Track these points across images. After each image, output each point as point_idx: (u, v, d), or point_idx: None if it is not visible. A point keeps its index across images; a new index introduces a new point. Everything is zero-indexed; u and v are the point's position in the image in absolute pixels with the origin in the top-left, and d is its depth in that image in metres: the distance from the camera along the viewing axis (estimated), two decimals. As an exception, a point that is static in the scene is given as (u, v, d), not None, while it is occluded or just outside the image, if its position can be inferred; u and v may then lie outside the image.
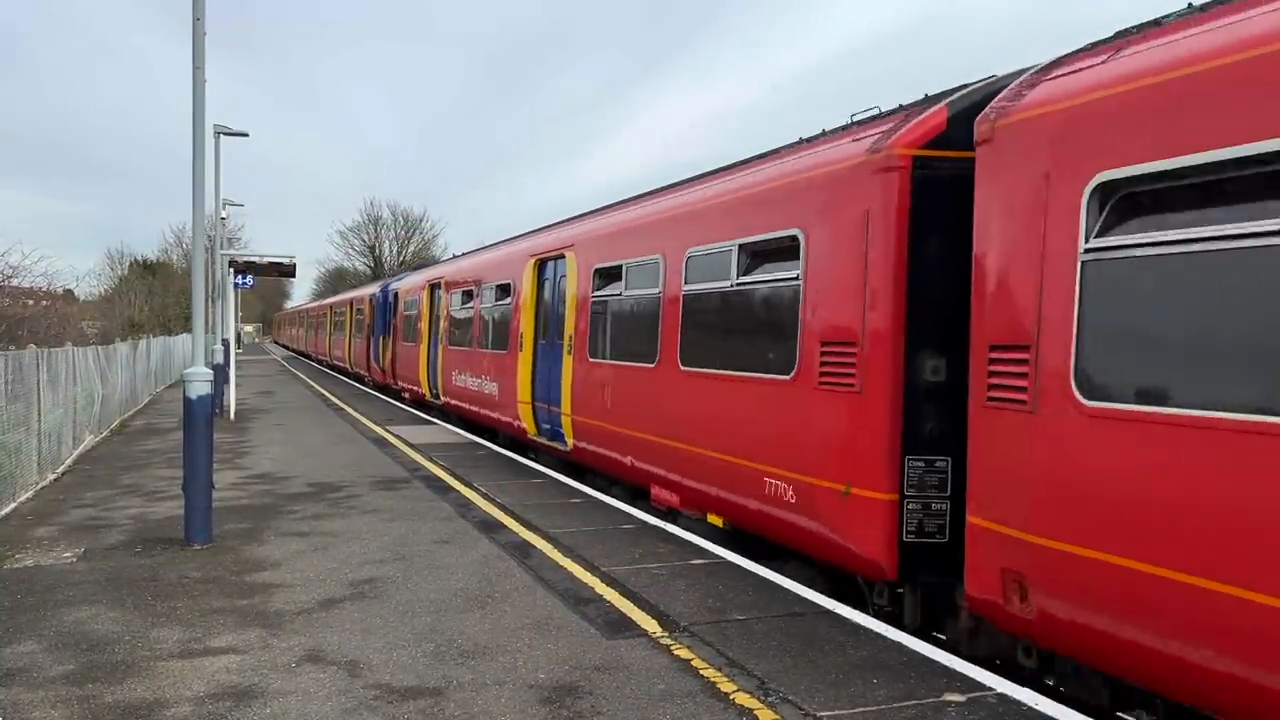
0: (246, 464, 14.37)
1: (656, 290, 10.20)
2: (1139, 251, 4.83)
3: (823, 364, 7.28)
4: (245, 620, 6.64)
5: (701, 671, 5.68)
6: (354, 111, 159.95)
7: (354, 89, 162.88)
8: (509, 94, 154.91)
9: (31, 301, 35.03)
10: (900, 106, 7.50)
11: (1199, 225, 4.56)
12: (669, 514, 10.04)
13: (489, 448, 16.44)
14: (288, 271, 23.67)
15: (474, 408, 17.92)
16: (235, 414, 21.73)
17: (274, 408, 24.52)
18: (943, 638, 6.89)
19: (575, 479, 12.74)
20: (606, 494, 11.70)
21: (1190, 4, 5.24)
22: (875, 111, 7.77)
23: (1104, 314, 5.01)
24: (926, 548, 6.61)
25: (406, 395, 25.74)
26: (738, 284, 8.65)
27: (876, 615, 7.00)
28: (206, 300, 10.54)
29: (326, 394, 29.57)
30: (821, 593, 7.44)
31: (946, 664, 5.80)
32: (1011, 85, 6.00)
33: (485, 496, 11.53)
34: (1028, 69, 6.10)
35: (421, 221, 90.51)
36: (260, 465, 14.24)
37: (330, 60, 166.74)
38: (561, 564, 8.23)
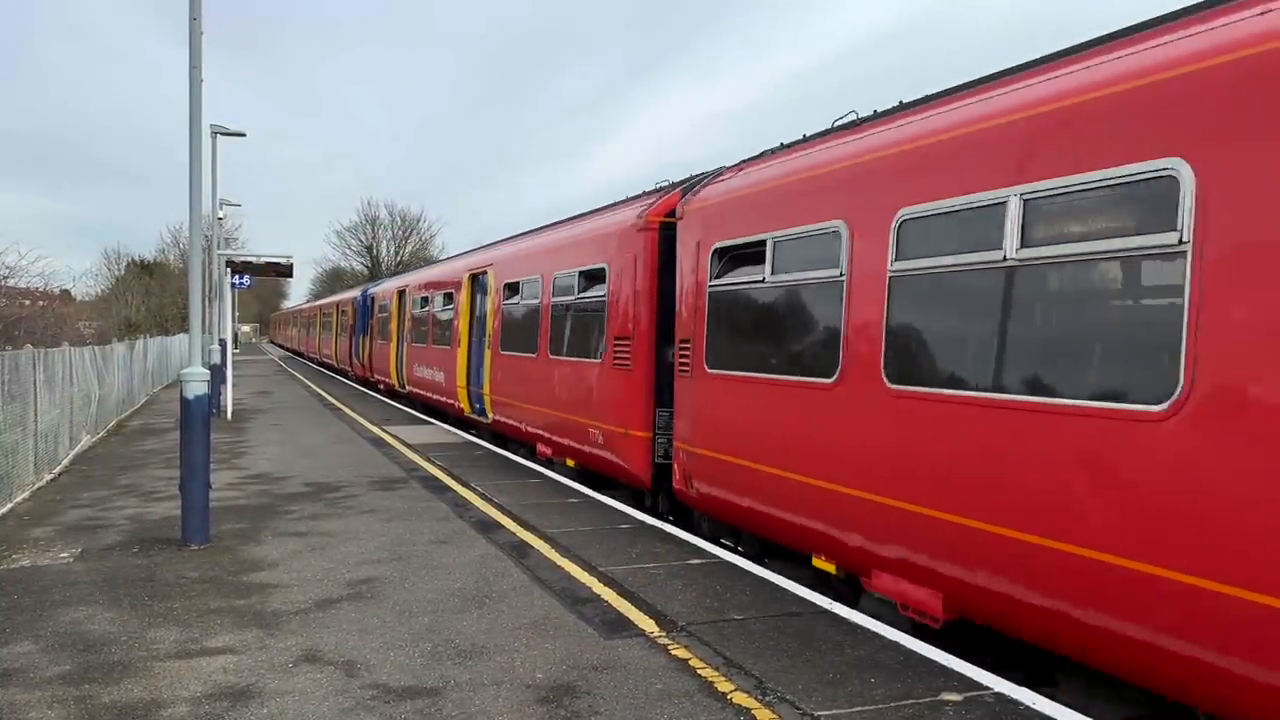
0: (244, 464, 14.36)
1: (537, 301, 14.15)
2: (727, 286, 8.83)
3: (615, 351, 11.21)
4: (242, 620, 6.63)
5: (699, 671, 5.68)
6: (354, 112, 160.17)
7: (354, 90, 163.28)
8: (509, 94, 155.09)
9: (28, 302, 35.00)
10: (660, 187, 11.70)
11: (743, 273, 8.56)
12: (547, 462, 13.96)
13: (486, 448, 16.44)
14: (285, 271, 23.67)
15: (429, 394, 22.09)
16: (232, 414, 21.72)
17: (271, 408, 24.50)
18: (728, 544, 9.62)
19: (500, 446, 16.52)
20: (517, 454, 15.33)
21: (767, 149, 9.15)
22: (656, 186, 11.91)
23: (717, 322, 9.00)
24: (667, 466, 10.42)
25: (381, 387, 29.45)
26: (578, 298, 12.47)
27: (649, 513, 10.70)
28: (204, 300, 10.50)
29: (324, 394, 29.53)
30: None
31: (944, 663, 5.81)
32: (700, 183, 9.93)
33: (482, 496, 11.53)
34: (716, 170, 10.09)
35: (419, 221, 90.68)
36: (257, 465, 14.23)
37: (330, 62, 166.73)
38: (559, 564, 8.23)
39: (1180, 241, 4.63)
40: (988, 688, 5.41)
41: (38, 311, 34.73)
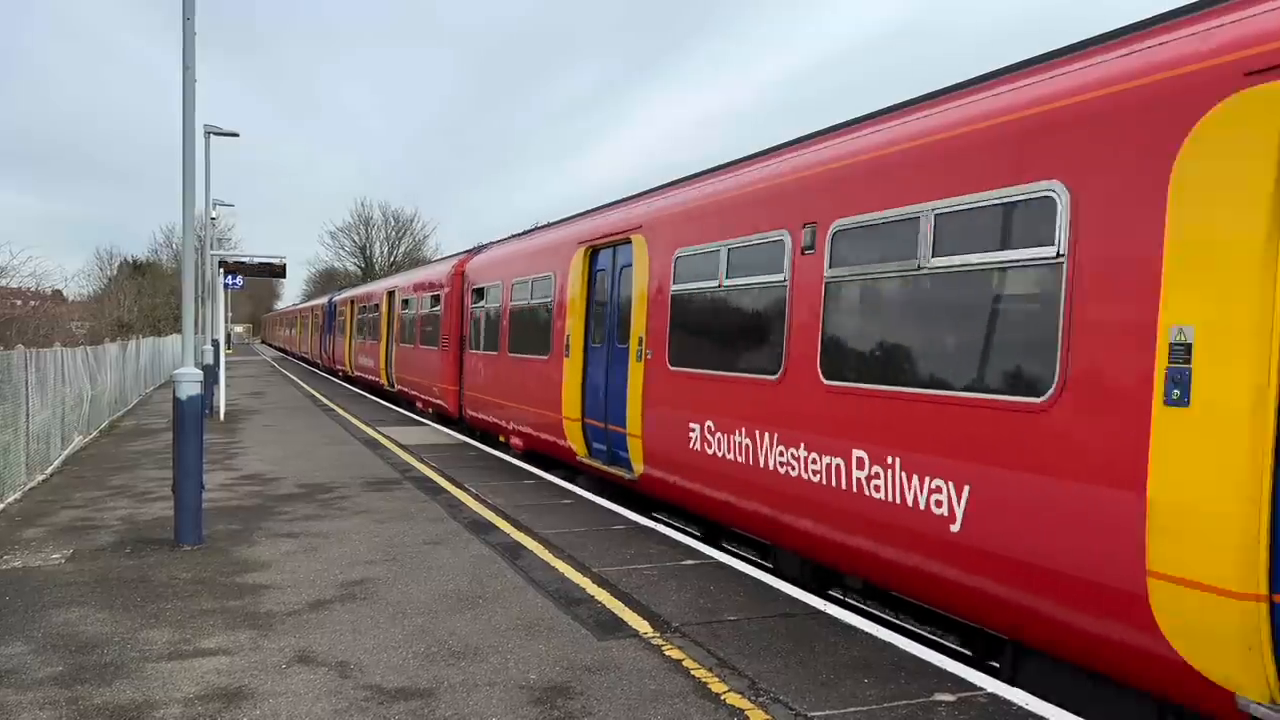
0: (237, 465, 14.32)
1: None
2: (474, 309, 18.24)
3: (442, 342, 19.11)
4: (235, 621, 6.61)
5: (693, 672, 5.69)
6: (349, 113, 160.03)
7: (349, 90, 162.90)
8: (505, 95, 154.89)
9: (20, 302, 34.90)
10: (471, 249, 20.49)
11: (482, 304, 17.49)
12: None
13: (479, 448, 16.42)
14: (278, 272, 23.62)
15: (368, 376, 30.63)
16: (225, 414, 21.66)
17: (264, 408, 24.45)
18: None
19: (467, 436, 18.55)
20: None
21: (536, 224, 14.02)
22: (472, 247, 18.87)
23: (475, 327, 18.17)
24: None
25: (339, 373, 38.36)
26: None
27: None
28: (197, 301, 10.47)
29: (316, 394, 29.48)
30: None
31: (937, 664, 5.82)
32: (481, 249, 18.89)
33: (476, 497, 11.52)
34: (489, 243, 19.66)
35: (413, 222, 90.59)
36: (250, 466, 14.19)
37: (325, 62, 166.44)
38: (553, 565, 8.23)
39: (1057, 255, 5.35)
40: (981, 688, 5.43)
41: (29, 311, 34.62)
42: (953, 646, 7.01)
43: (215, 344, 23.48)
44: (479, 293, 17.89)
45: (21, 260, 35.77)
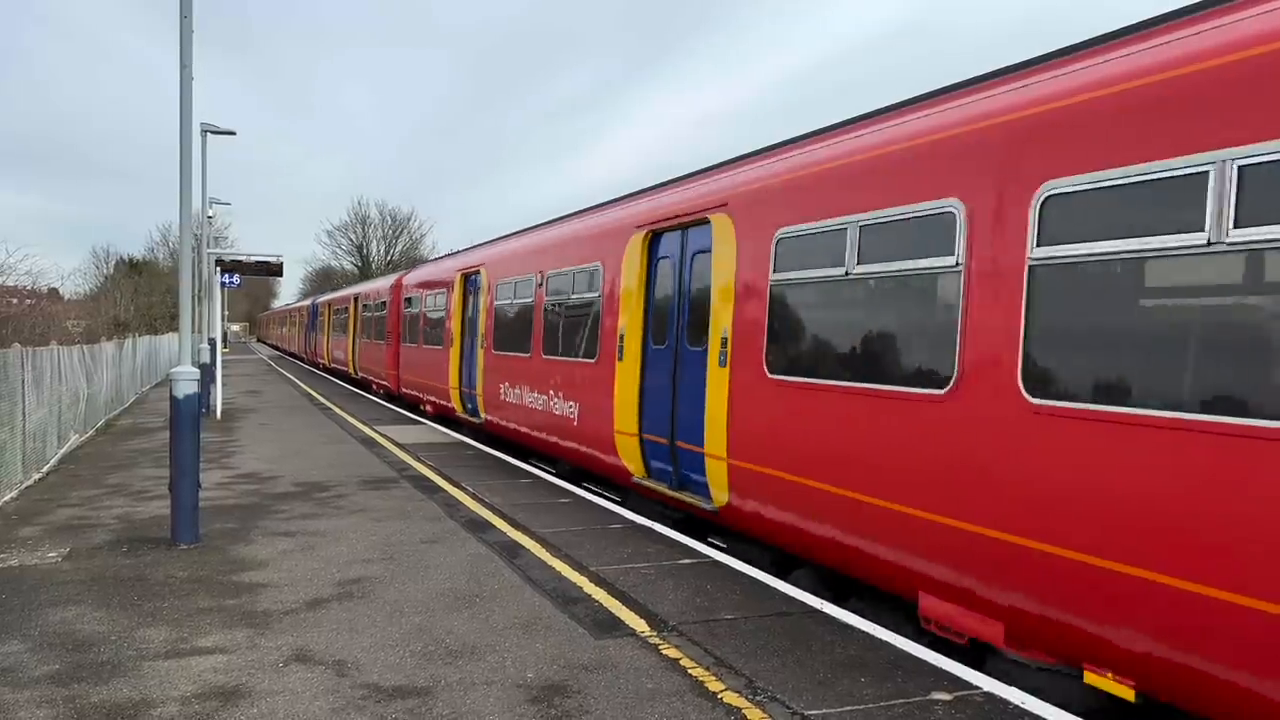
0: (233, 463, 14.31)
1: (346, 315, 27.95)
2: (410, 314, 23.88)
3: (387, 336, 25.38)
4: (232, 620, 6.61)
5: (690, 670, 5.69)
6: (346, 112, 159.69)
7: (346, 89, 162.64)
8: (503, 93, 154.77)
9: (15, 300, 34.83)
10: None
11: (415, 306, 22.85)
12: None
13: (476, 447, 16.42)
14: (275, 270, 23.58)
15: (338, 366, 37.38)
16: (222, 413, 21.64)
17: (261, 407, 24.42)
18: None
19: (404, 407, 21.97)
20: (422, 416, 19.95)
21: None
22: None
23: (407, 326, 24.05)
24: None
25: (320, 364, 44.67)
26: (375, 314, 26.03)
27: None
28: (194, 299, 10.44)
29: (313, 393, 29.46)
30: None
31: (934, 663, 5.83)
32: (412, 269, 24.20)
33: (473, 496, 11.51)
34: (420, 263, 29.74)
35: (409, 221, 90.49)
36: (247, 465, 14.18)
37: (323, 61, 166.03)
38: (550, 563, 8.23)
39: (957, 263, 5.94)
40: (977, 687, 5.44)
41: (25, 310, 34.56)
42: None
43: (212, 343, 23.45)
44: (409, 301, 23.77)
45: (18, 259, 35.76)
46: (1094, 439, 4.95)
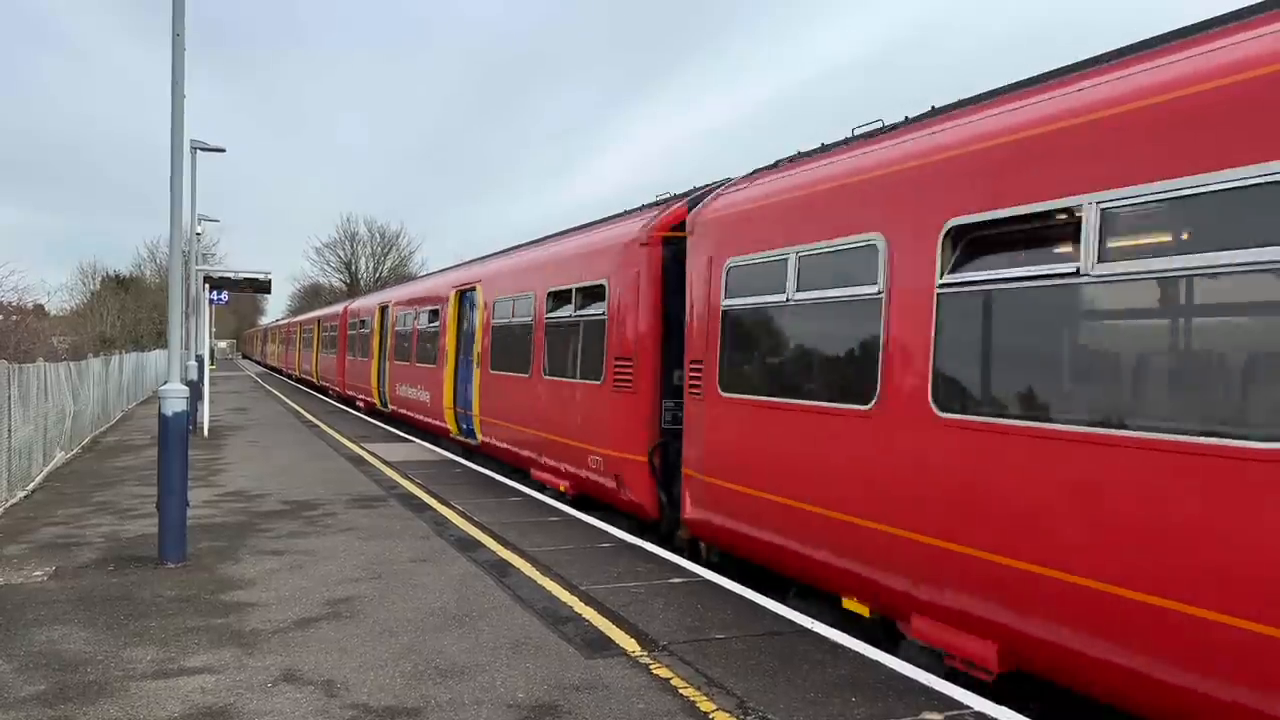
0: (221, 481, 14.23)
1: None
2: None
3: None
4: (220, 639, 6.57)
5: (681, 690, 5.68)
6: (337, 129, 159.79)
7: (337, 107, 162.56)
8: (496, 111, 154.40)
9: (1, 316, 34.62)
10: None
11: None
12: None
13: (465, 465, 16.38)
14: (263, 287, 23.59)
15: (315, 380, 41.55)
16: (209, 431, 21.53)
17: (248, 424, 24.31)
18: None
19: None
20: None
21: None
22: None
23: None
24: None
25: (292, 375, 51.89)
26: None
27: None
28: (182, 316, 10.38)
29: (301, 410, 29.35)
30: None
31: (925, 683, 5.84)
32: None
33: (462, 515, 11.48)
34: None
35: (398, 238, 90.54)
36: (235, 483, 14.11)
37: (314, 79, 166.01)
38: (540, 583, 8.21)
39: (879, 291, 6.60)
40: (968, 707, 5.45)
41: (11, 326, 34.37)
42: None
43: (199, 359, 23.36)
44: (356, 324, 29.68)
45: (4, 274, 35.60)
46: (989, 449, 5.61)
